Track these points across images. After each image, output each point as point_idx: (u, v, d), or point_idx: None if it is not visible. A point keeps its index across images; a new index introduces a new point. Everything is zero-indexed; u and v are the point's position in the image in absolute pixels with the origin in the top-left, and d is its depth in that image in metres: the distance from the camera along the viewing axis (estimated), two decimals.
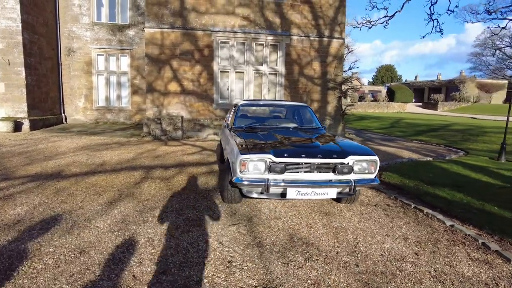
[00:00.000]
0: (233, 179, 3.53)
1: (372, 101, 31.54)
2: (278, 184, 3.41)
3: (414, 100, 33.95)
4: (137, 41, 14.07)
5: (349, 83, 13.87)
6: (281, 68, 11.56)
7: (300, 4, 11.39)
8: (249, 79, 11.46)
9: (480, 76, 37.22)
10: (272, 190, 3.49)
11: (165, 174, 5.70)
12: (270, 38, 11.30)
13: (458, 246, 3.17)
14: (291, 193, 3.45)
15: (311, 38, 11.57)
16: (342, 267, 2.66)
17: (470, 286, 2.47)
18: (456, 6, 14.78)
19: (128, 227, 3.31)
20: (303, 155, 3.48)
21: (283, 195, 3.55)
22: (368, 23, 12.39)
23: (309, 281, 2.42)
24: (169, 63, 10.88)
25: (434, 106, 28.08)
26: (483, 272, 2.70)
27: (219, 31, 10.94)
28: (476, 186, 5.25)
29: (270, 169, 3.42)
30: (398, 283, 2.45)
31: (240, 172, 3.44)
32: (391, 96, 31.45)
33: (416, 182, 5.35)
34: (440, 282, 2.51)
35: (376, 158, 3.64)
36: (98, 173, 5.59)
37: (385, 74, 50.74)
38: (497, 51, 37.01)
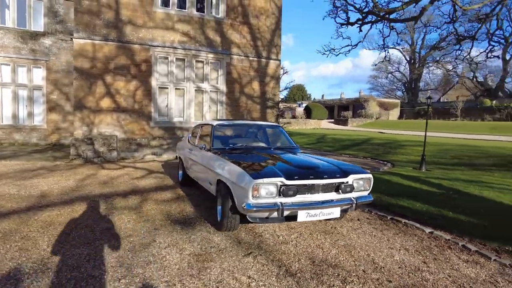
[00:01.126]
0: (243, 206, 3.34)
1: (291, 118, 33.67)
2: (290, 207, 3.37)
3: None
4: (54, 52, 12.43)
5: (286, 103, 14.57)
6: (222, 86, 11.54)
7: (240, 24, 11.65)
8: (190, 96, 11.14)
9: (377, 95, 43.25)
10: (285, 213, 3.43)
11: (128, 203, 5.08)
12: (211, 56, 11.23)
13: (447, 251, 3.57)
14: (302, 215, 3.43)
15: (250, 58, 11.88)
16: (379, 284, 2.74)
17: (481, 285, 2.80)
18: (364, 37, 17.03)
19: (132, 271, 2.84)
20: (311, 176, 3.52)
21: (292, 218, 3.51)
22: (333, 51, 13.43)
23: None
24: (102, 78, 9.88)
25: (344, 122, 31.41)
26: (480, 271, 3.09)
27: (158, 46, 10.44)
28: (423, 195, 6.00)
29: (283, 192, 3.36)
30: None
31: (253, 197, 3.29)
32: (308, 113, 34.19)
33: (378, 194, 5.87)
34: (461, 285, 2.78)
35: (371, 176, 3.90)
36: (46, 207, 4.67)
37: (296, 93, 54.79)
38: (389, 75, 43.50)
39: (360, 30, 12.29)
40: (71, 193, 5.54)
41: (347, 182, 3.67)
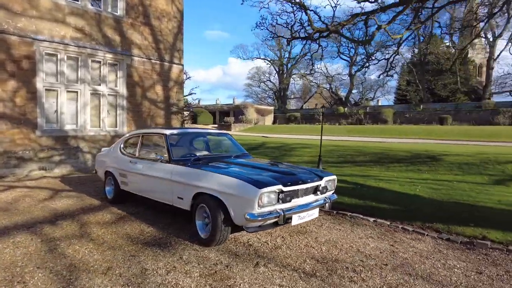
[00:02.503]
0: (246, 216, 3.36)
1: None
2: (288, 212, 3.56)
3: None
4: None
5: (191, 108, 14.25)
6: (122, 89, 10.54)
7: (141, 25, 10.90)
8: (85, 100, 9.75)
9: (253, 102, 46.65)
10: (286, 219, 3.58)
11: (67, 231, 4.24)
12: (109, 56, 10.11)
13: (396, 234, 4.46)
14: (295, 219, 3.69)
15: (153, 61, 11.26)
16: (380, 268, 3.25)
17: (432, 254, 3.63)
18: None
19: None
20: (300, 182, 3.80)
21: (285, 223, 3.69)
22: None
23: (399, 286, 2.86)
24: None
25: (228, 127, 32.69)
26: (424, 244, 4.02)
27: (45, 41, 8.77)
28: (341, 190, 7.05)
29: (282, 199, 3.53)
30: (428, 264, 3.28)
31: (259, 207, 3.34)
32: (194, 118, 34.07)
33: None
34: (422, 256, 3.54)
35: (335, 177, 4.46)
36: None
37: None
38: (262, 83, 47.42)
39: (288, 44, 13.18)
40: None
41: (323, 184, 4.11)
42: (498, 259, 3.67)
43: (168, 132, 4.90)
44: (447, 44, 35.10)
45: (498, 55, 30.08)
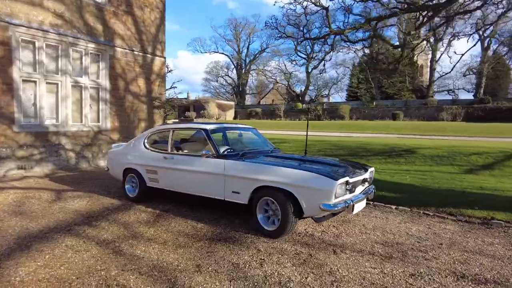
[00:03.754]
0: (321, 206, 3.52)
1: None
2: (354, 202, 3.79)
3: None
4: None
5: (173, 103, 13.74)
6: (105, 82, 9.92)
7: (123, 14, 10.31)
8: (66, 93, 9.02)
9: (211, 97, 46.08)
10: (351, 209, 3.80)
11: (112, 233, 4.02)
12: (91, 46, 9.44)
13: (422, 218, 4.92)
14: (356, 208, 3.93)
15: (136, 52, 10.74)
16: (447, 247, 3.62)
17: (459, 233, 4.11)
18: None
19: None
20: (357, 173, 4.05)
21: (352, 212, 3.89)
22: None
23: (466, 260, 3.22)
24: None
25: (190, 122, 32.13)
26: (450, 226, 4.49)
27: (21, 26, 7.93)
28: None
29: (349, 190, 3.75)
30: (471, 242, 3.70)
31: (335, 197, 3.53)
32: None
33: None
34: (454, 233, 4.00)
35: (374, 169, 4.78)
36: None
37: None
38: (221, 78, 47.10)
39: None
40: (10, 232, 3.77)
41: (368, 176, 4.41)
42: None
43: (208, 127, 4.83)
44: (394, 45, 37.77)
45: (439, 57, 33.53)
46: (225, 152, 4.52)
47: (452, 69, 34.85)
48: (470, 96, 38.13)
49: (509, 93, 36.22)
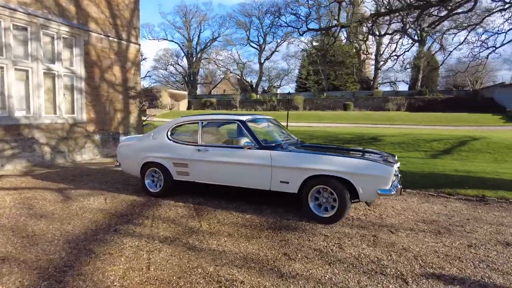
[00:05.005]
0: (378, 191, 3.82)
1: None
2: (399, 185, 4.15)
3: None
4: None
5: (150, 92, 12.98)
6: (80, 69, 9.12)
7: None
8: (39, 81, 8.13)
9: (161, 86, 44.16)
10: None
11: (165, 230, 3.86)
12: (64, 29, 8.58)
13: (431, 198, 5.51)
14: (396, 193, 4.30)
15: (110, 38, 10.00)
16: (474, 221, 4.15)
17: (472, 208, 4.76)
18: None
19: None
20: (394, 159, 4.44)
21: (400, 195, 4.22)
22: None
23: (500, 229, 3.75)
24: None
25: (142, 112, 30.53)
26: (460, 203, 5.10)
27: None
28: None
29: (396, 175, 4.10)
30: (488, 216, 4.30)
31: (392, 182, 3.84)
32: None
33: None
34: (473, 209, 4.62)
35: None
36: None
37: None
38: (171, 67, 45.31)
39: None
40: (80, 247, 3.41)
41: (398, 164, 4.83)
42: None
43: (244, 118, 4.81)
44: (343, 39, 39.94)
45: (383, 51, 36.30)
46: (267, 143, 4.57)
47: (395, 63, 38.04)
48: (407, 88, 42.09)
49: (438, 86, 40.87)
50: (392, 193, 3.89)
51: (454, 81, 38.17)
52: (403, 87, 44.28)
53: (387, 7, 9.34)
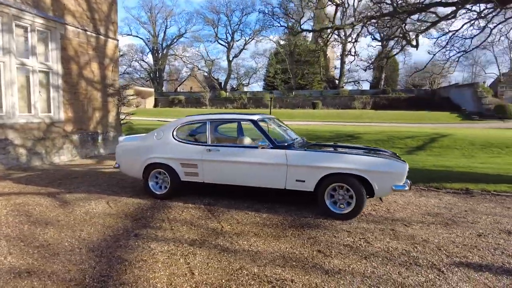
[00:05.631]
0: (393, 187, 4.04)
1: None
2: (409, 181, 4.39)
3: None
4: None
5: (127, 89, 12.32)
6: (56, 65, 8.57)
7: None
8: (12, 77, 7.53)
9: (121, 83, 42.32)
10: None
11: (190, 233, 3.78)
12: (39, 21, 8.02)
13: (424, 191, 5.88)
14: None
15: (88, 33, 9.49)
16: (472, 212, 4.50)
17: (464, 201, 5.15)
18: None
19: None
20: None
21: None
22: None
23: (501, 220, 4.09)
24: None
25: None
26: (450, 196, 5.49)
27: None
28: None
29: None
30: (480, 206, 4.68)
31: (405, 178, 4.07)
32: None
33: None
34: (468, 203, 5.02)
35: None
36: None
37: None
38: (135, 62, 43.65)
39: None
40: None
41: None
42: (498, 199, 5.51)
43: (255, 117, 4.81)
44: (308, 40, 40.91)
45: (349, 51, 37.57)
46: (281, 143, 4.62)
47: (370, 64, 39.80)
48: (368, 87, 44.01)
49: (398, 85, 43.31)
50: (406, 188, 4.12)
51: (413, 81, 40.69)
52: (366, 86, 46.33)
53: (377, 11, 9.79)
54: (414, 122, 22.74)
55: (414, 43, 9.96)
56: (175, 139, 5.04)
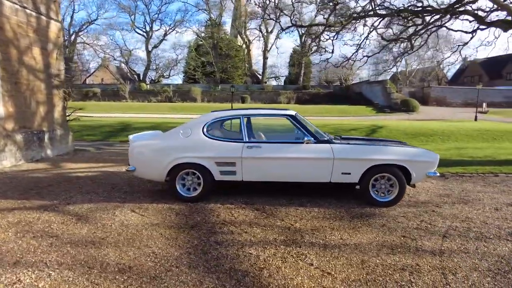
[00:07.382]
0: (427, 174, 4.57)
1: None
2: None
3: None
4: None
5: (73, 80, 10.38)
6: None
7: None
8: None
9: None
10: None
11: (255, 236, 3.62)
12: None
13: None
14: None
15: (28, 11, 7.96)
16: (476, 194, 5.33)
17: (448, 185, 6.10)
18: None
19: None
20: None
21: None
22: None
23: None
24: None
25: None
26: (451, 179, 6.41)
27: None
28: None
29: None
30: (487, 190, 5.57)
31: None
32: None
33: None
34: (471, 185, 5.93)
35: None
36: None
37: None
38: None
39: None
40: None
41: None
42: (494, 181, 6.40)
43: (293, 112, 4.81)
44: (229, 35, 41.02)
45: (270, 47, 39.13)
46: (319, 138, 4.71)
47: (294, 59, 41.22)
48: (282, 82, 46.62)
49: (312, 81, 47.05)
50: (437, 174, 4.69)
51: (326, 77, 44.66)
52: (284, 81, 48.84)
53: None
54: (338, 116, 25.10)
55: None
56: (207, 137, 4.67)
